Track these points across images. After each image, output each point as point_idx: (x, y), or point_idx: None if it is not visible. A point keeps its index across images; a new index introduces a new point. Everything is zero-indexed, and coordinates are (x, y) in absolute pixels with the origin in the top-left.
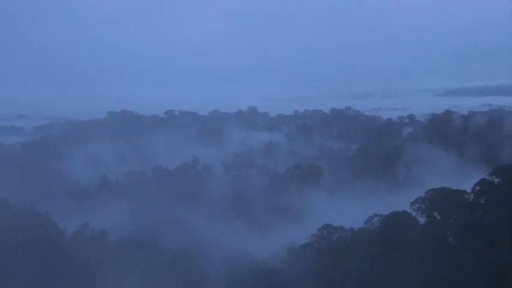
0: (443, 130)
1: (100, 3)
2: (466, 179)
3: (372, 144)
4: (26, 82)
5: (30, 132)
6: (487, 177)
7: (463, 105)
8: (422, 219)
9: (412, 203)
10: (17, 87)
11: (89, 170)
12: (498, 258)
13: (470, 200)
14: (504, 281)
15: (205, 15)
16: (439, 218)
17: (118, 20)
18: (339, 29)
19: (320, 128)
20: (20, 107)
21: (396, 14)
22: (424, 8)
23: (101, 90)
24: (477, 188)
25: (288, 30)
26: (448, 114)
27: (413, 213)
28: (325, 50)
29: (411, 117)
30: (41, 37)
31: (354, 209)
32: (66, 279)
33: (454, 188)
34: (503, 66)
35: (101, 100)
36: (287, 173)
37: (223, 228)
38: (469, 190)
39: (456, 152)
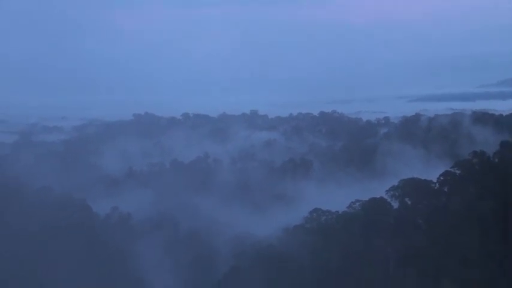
0: (413, 130)
1: (123, 24)
2: (432, 171)
3: (354, 142)
4: (66, 89)
5: (69, 131)
6: (449, 169)
7: (430, 109)
8: (395, 204)
9: (387, 191)
10: (58, 94)
11: (117, 162)
12: (459, 237)
13: (435, 188)
14: (463, 254)
15: (216, 36)
16: (409, 203)
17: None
18: (327, 45)
19: (310, 128)
20: (61, 111)
21: (375, 32)
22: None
23: (127, 96)
24: (441, 178)
25: (284, 47)
26: (417, 116)
27: (388, 199)
28: (315, 63)
29: (386, 119)
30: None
31: (339, 196)
32: (98, 254)
33: (422, 178)
34: (464, 77)
35: (128, 104)
36: (283, 166)
37: (229, 211)
38: (434, 180)
39: (424, 148)
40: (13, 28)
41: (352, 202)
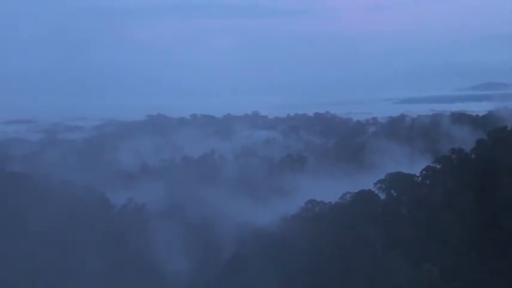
0: (399, 129)
1: (137, 35)
2: (415, 166)
3: (345, 140)
4: (86, 93)
5: (89, 130)
6: (430, 165)
7: (413, 110)
8: (382, 196)
9: (375, 184)
10: (79, 97)
11: (132, 158)
12: (439, 224)
13: (418, 181)
14: (442, 240)
15: (221, 45)
16: (395, 194)
17: (155, 48)
18: (321, 54)
19: (306, 128)
20: (82, 112)
21: (364, 42)
22: (383, 38)
23: (141, 98)
24: (423, 172)
25: (283, 55)
26: (402, 117)
27: (376, 191)
28: (310, 69)
29: (374, 120)
30: (96, 59)
31: (331, 188)
32: (115, 240)
33: (406, 172)
34: (443, 81)
35: (142, 106)
36: (281, 161)
37: (233, 202)
38: (417, 174)
39: (408, 145)
40: (40, 41)
41: (343, 194)
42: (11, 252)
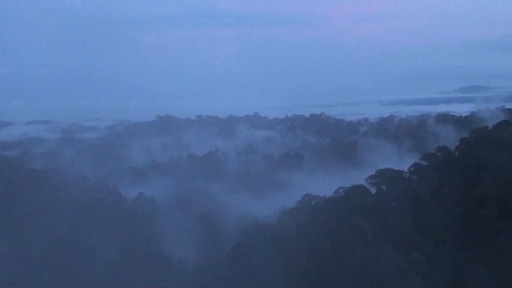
0: (388, 129)
1: (147, 42)
2: (403, 162)
3: (339, 138)
4: (100, 96)
5: (103, 130)
6: (418, 161)
7: (402, 111)
8: (373, 190)
9: (366, 179)
10: (94, 99)
11: (142, 156)
12: (426, 216)
13: (406, 177)
14: (429, 231)
15: (225, 51)
16: (385, 189)
17: (164, 54)
18: (317, 60)
19: (303, 127)
20: (96, 113)
21: (356, 49)
22: (374, 45)
23: (151, 101)
24: (411, 168)
25: (281, 61)
26: (391, 117)
27: (367, 186)
28: (306, 74)
29: (366, 120)
30: (109, 64)
31: (326, 183)
32: (126, 231)
33: (395, 168)
34: (429, 85)
35: (151, 108)
36: (280, 158)
37: (235, 195)
38: (405, 170)
39: (396, 144)
40: (58, 49)
41: (337, 188)
42: (32, 241)
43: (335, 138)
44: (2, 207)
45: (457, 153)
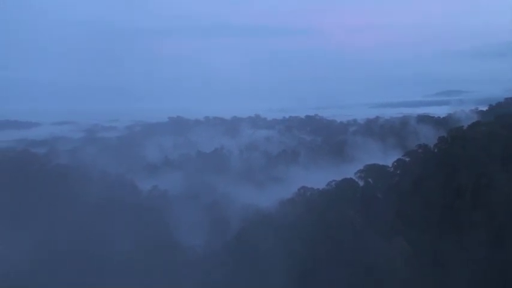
0: (374, 128)
1: (161, 50)
2: (388, 158)
3: (331, 137)
4: (119, 99)
5: (122, 130)
6: (401, 157)
7: (386, 113)
8: (361, 183)
9: (355, 173)
10: (114, 102)
11: (156, 152)
12: (408, 206)
13: (390, 171)
14: (410, 219)
15: (230, 59)
16: (371, 182)
17: (175, 61)
18: (312, 67)
19: (299, 128)
20: (116, 114)
21: (345, 57)
22: (360, 53)
23: (164, 103)
24: (395, 164)
25: (280, 67)
26: (377, 118)
27: (356, 180)
28: (303, 79)
29: (354, 121)
30: (127, 70)
31: (319, 177)
32: (142, 220)
33: (381, 164)
34: (411, 89)
35: (164, 110)
36: (278, 155)
37: (238, 188)
38: (390, 165)
39: (382, 141)
40: (82, 57)
41: (329, 182)
42: (57, 229)
43: (327, 137)
44: (32, 197)
45: (435, 150)
